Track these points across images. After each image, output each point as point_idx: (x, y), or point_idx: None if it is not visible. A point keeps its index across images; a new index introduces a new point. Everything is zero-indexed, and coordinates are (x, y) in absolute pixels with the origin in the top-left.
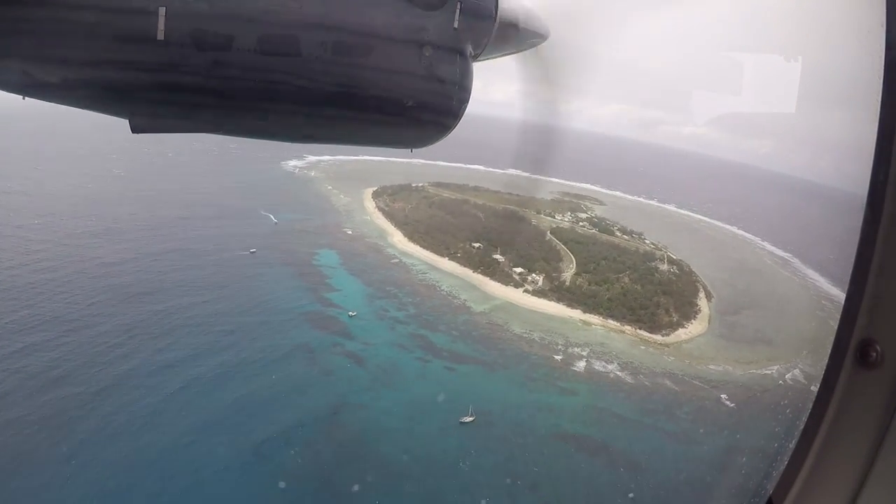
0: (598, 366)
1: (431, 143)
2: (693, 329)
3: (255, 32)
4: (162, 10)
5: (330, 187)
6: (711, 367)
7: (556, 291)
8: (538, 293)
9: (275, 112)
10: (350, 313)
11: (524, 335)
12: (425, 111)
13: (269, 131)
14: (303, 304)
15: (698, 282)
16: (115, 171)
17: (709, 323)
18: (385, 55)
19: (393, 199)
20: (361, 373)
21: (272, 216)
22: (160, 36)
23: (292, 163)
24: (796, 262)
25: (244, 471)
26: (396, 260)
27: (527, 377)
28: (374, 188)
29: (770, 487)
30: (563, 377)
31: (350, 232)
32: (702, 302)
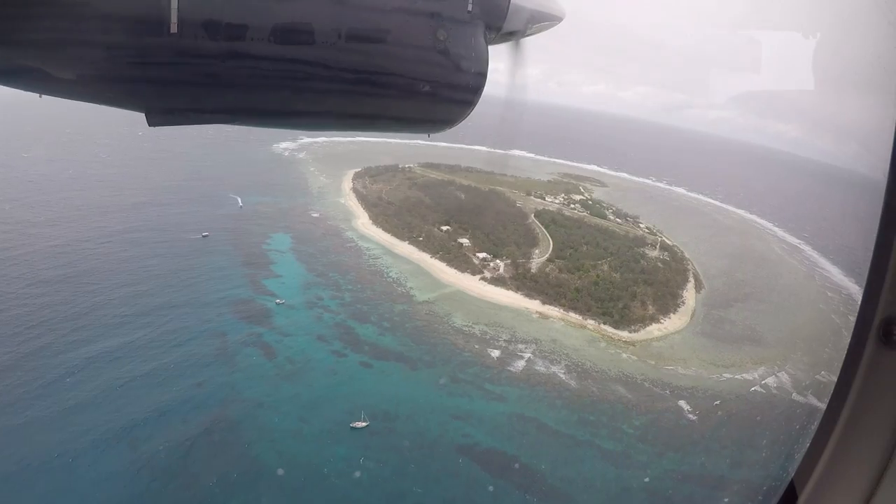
0: (541, 366)
1: (448, 128)
2: (670, 324)
3: (269, 21)
4: (174, 3)
5: (313, 169)
6: (680, 370)
7: (518, 279)
8: (496, 281)
9: (290, 101)
10: (278, 300)
11: (464, 328)
12: (441, 95)
13: (285, 120)
14: (235, 289)
15: (690, 270)
16: (102, 157)
17: (691, 318)
18: (399, 40)
19: (374, 180)
20: (267, 365)
21: (239, 199)
22: (173, 28)
23: (283, 145)
24: (808, 249)
25: (103, 458)
26: (352, 244)
27: (451, 377)
28: (358, 169)
29: (791, 470)
30: (495, 379)
31: (315, 214)
32: (688, 293)
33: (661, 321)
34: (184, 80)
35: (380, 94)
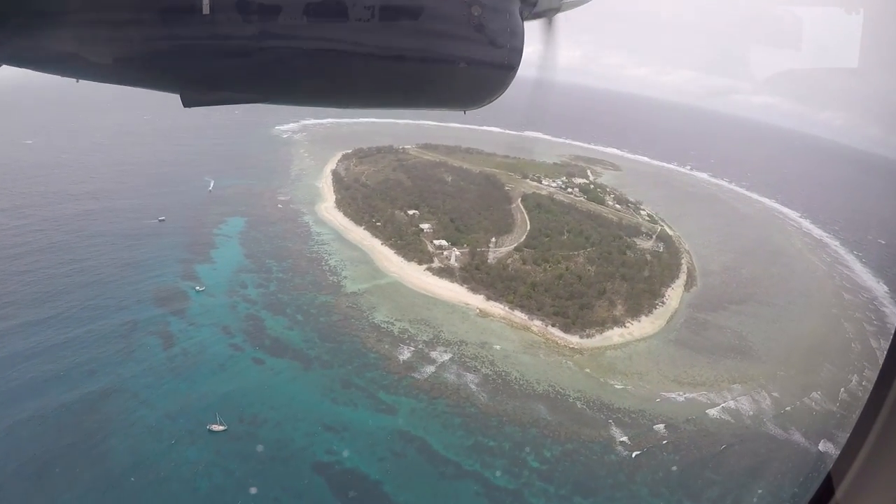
0: (453, 374)
1: (484, 104)
2: (638, 329)
3: (301, 0)
4: None
5: (303, 151)
6: (629, 387)
7: (469, 271)
8: (443, 272)
9: (323, 79)
10: (198, 288)
11: (382, 325)
12: (477, 72)
13: (319, 99)
14: (164, 274)
15: (684, 264)
16: (100, 141)
17: (667, 321)
18: (433, 16)
19: (360, 162)
20: (161, 356)
21: (212, 182)
22: (206, 10)
23: (286, 126)
24: (834, 244)
25: None
26: (304, 229)
27: (344, 382)
28: (348, 151)
29: (829, 464)
30: (392, 387)
31: (283, 198)
32: (674, 291)
33: (628, 325)
34: (217, 61)
35: (414, 72)
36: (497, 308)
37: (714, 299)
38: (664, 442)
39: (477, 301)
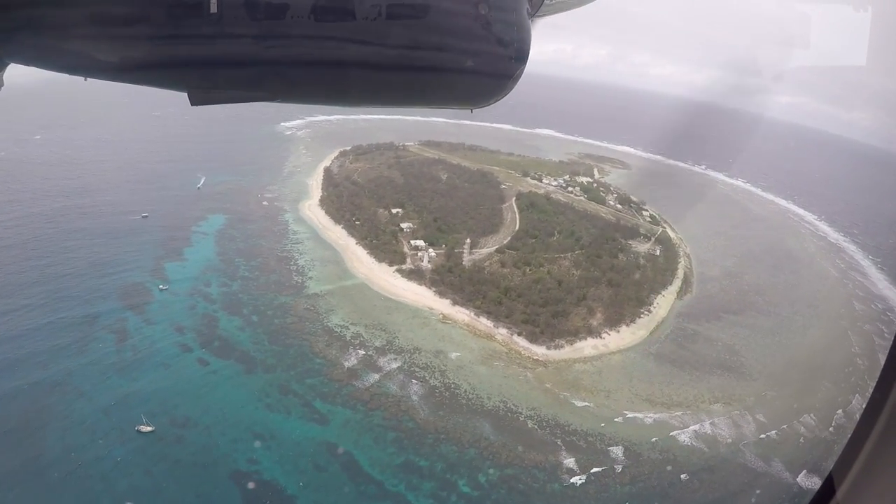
0: (396, 384)
1: (491, 102)
2: (616, 340)
3: None
4: None
5: (302, 148)
6: (592, 405)
7: (441, 273)
8: (412, 274)
9: (330, 78)
10: (161, 287)
11: (336, 329)
12: (483, 71)
13: (326, 98)
14: (133, 271)
15: (682, 269)
16: (105, 137)
17: (651, 332)
18: (440, 15)
19: (356, 159)
20: (112, 353)
21: (202, 179)
22: (213, 8)
23: (291, 123)
24: (851, 248)
25: None
26: (282, 227)
27: (282, 388)
28: (347, 148)
29: (829, 464)
30: (331, 395)
31: (269, 195)
32: (665, 299)
33: (604, 335)
34: (224, 60)
35: (421, 71)
36: (462, 314)
37: (709, 308)
38: (619, 469)
39: (442, 306)
